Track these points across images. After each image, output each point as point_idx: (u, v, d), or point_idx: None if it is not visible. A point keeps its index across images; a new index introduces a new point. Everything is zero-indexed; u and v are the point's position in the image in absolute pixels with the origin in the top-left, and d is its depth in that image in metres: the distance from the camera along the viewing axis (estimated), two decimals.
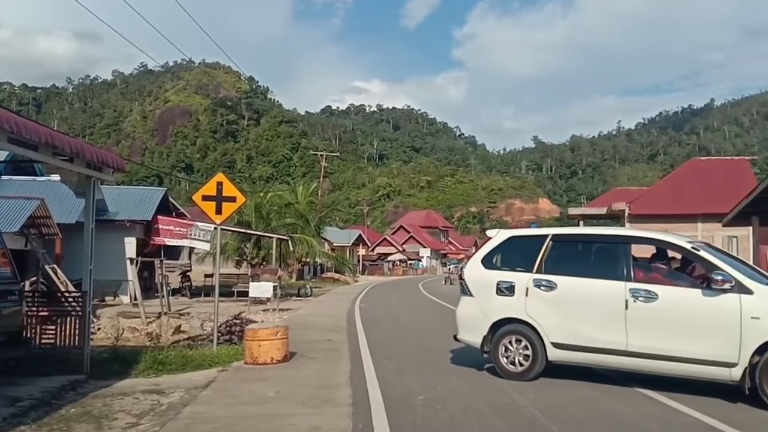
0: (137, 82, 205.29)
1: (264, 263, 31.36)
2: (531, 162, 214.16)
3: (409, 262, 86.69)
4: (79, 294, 10.05)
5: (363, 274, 69.54)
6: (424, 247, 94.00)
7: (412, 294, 34.10)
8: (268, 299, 22.66)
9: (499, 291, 8.81)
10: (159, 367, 9.69)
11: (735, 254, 34.36)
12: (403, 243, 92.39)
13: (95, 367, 9.35)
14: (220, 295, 27.19)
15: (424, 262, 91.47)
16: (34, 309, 9.79)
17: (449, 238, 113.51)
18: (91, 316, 18.27)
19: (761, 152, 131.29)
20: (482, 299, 9.01)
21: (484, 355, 8.99)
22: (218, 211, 11.15)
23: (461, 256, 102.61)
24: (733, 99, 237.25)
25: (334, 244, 61.66)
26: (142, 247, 26.13)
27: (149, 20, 21.71)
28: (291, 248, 34.86)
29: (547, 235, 9.01)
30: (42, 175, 24.99)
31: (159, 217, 25.13)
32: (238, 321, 13.32)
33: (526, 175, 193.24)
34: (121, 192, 28.52)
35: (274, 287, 21.97)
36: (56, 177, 23.46)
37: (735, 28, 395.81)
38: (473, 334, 9.10)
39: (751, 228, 31.62)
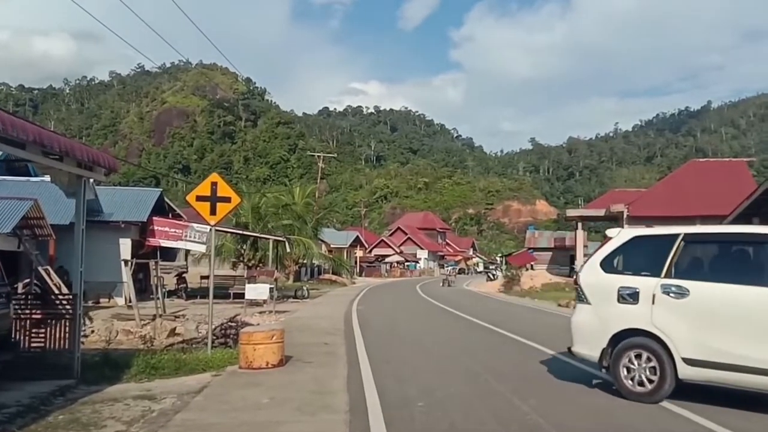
0: (134, 83, 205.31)
1: (261, 265, 31.13)
2: (528, 164, 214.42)
3: (406, 263, 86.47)
4: (70, 296, 9.80)
5: (360, 275, 69.35)
6: (422, 248, 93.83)
7: (410, 296, 33.90)
8: (265, 301, 22.43)
9: (621, 298, 7.74)
10: (151, 371, 9.46)
11: None
12: (401, 245, 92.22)
13: (86, 372, 9.11)
14: (216, 297, 27.01)
15: (421, 264, 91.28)
16: (27, 311, 9.55)
17: (447, 240, 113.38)
18: (84, 319, 18.13)
19: (758, 154, 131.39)
20: (601, 307, 7.95)
21: (602, 371, 8.07)
22: (213, 211, 10.93)
23: (458, 257, 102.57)
24: (730, 101, 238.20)
25: (332, 246, 61.43)
26: (137, 249, 25.86)
27: (146, 21, 21.56)
28: (288, 250, 34.63)
29: (677, 234, 7.76)
30: (36, 176, 24.74)
31: (154, 218, 24.86)
32: (233, 324, 13.10)
33: (524, 176, 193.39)
34: (116, 193, 28.26)
35: (271, 289, 21.73)
36: (47, 177, 23.19)
37: (733, 31, 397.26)
38: (590, 347, 8.02)
39: None
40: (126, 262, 20.60)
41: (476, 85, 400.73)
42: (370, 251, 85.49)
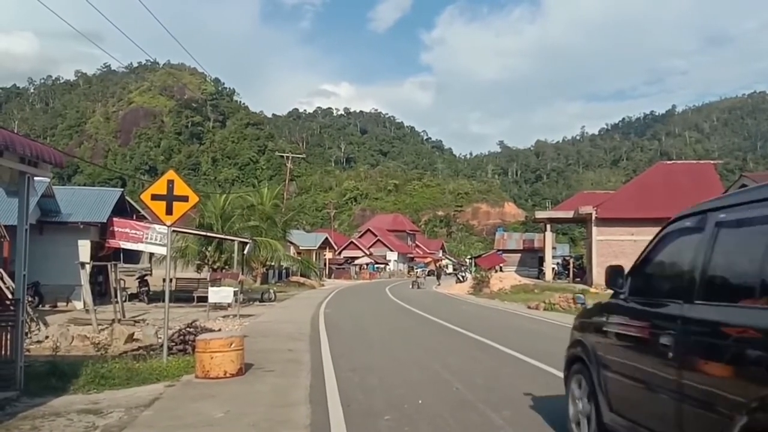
0: (100, 82, 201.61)
1: (226, 267, 30.39)
2: (497, 166, 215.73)
3: (375, 265, 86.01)
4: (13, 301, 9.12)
5: (329, 277, 68.71)
6: (391, 250, 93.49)
7: (379, 299, 33.44)
8: (229, 305, 21.79)
9: None
10: (101, 381, 8.84)
11: None
12: (370, 246, 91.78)
13: (31, 382, 8.44)
14: (180, 300, 26.28)
15: (391, 266, 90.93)
16: None
17: (416, 242, 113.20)
18: (39, 324, 17.30)
19: (721, 158, 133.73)
20: None
21: None
22: (168, 211, 10.34)
23: (428, 259, 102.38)
24: (694, 105, 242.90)
25: (300, 248, 60.72)
26: (97, 250, 25.02)
27: (112, 20, 20.85)
28: (254, 252, 33.91)
29: None
30: None
31: (114, 219, 24.07)
32: (192, 329, 12.47)
33: (492, 179, 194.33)
34: (75, 193, 27.34)
35: (235, 292, 21.09)
36: None
37: (697, 36, 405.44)
38: None
39: None
40: (83, 264, 19.77)
41: (446, 87, 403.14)
42: (340, 253, 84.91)
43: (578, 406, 5.53)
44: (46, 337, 15.13)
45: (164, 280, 28.94)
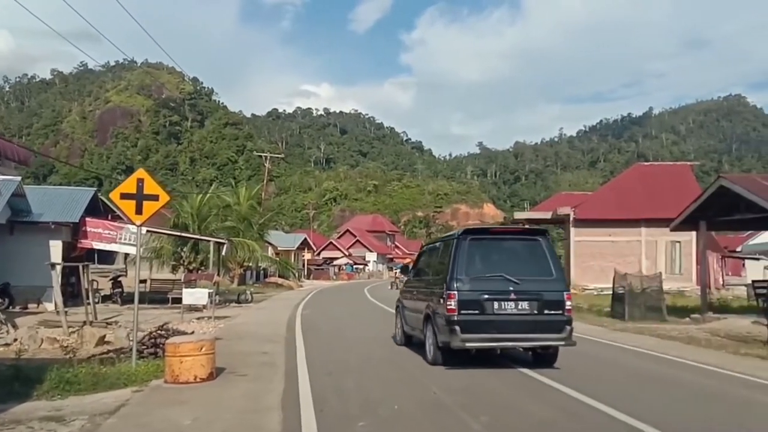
0: (77, 81, 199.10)
1: (203, 268, 29.97)
2: (476, 167, 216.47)
3: (355, 266, 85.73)
4: None
5: (308, 278, 68.36)
6: (371, 251, 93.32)
7: (358, 299, 33.22)
8: (204, 306, 21.42)
9: None
10: (66, 386, 8.49)
11: (678, 259, 34.61)
12: (349, 247, 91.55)
13: None
14: (155, 302, 25.83)
15: (370, 266, 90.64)
16: None
17: (396, 243, 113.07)
18: (7, 326, 16.84)
19: (697, 160, 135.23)
20: None
21: None
22: (138, 210, 10.03)
23: (407, 260, 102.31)
24: (671, 108, 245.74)
25: (279, 249, 60.35)
26: (70, 251, 24.48)
27: (88, 19, 20.42)
28: (231, 252, 33.50)
29: None
30: None
31: (87, 218, 23.58)
32: (163, 332, 12.14)
33: (472, 180, 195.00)
34: (47, 192, 26.73)
35: (210, 294, 20.72)
36: None
37: (675, 39, 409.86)
38: None
39: (694, 233, 32.05)
40: (53, 265, 19.30)
41: (426, 88, 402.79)
42: (319, 254, 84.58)
43: (397, 326, 13.53)
44: (15, 340, 14.71)
45: (139, 281, 28.51)
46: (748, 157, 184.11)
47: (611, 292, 22.35)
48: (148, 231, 24.41)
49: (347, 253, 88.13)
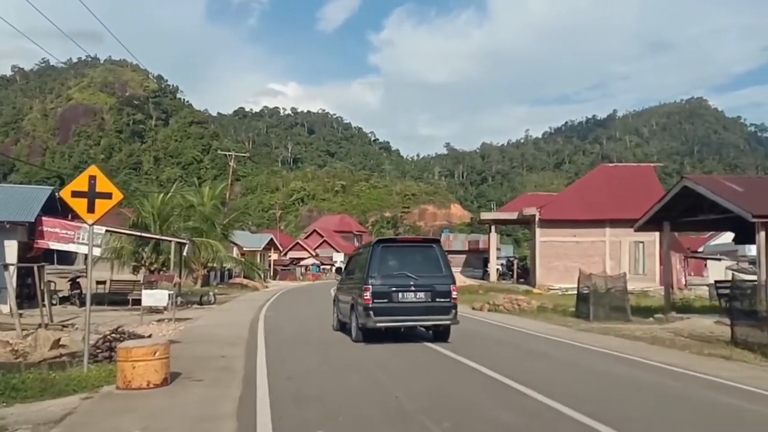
0: (38, 78, 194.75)
1: (164, 269, 29.32)
2: (443, 168, 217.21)
3: (321, 266, 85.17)
4: None
5: (274, 279, 67.67)
6: (338, 251, 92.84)
7: (323, 301, 32.73)
8: (165, 308, 20.91)
9: None
10: (12, 393, 8.11)
11: (641, 260, 34.97)
12: (316, 247, 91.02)
13: None
14: (115, 303, 25.19)
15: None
16: None
17: (363, 243, 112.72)
18: None
19: (660, 161, 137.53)
20: None
21: None
22: (90, 209, 9.64)
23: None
24: (634, 110, 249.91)
25: (245, 249, 59.57)
26: (26, 251, 23.73)
27: (49, 16, 19.82)
28: (194, 253, 32.87)
29: None
30: None
31: (43, 218, 22.84)
32: (117, 335, 11.73)
33: (439, 181, 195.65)
34: (2, 191, 25.92)
35: (170, 295, 20.22)
36: None
37: (639, 42, 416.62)
38: None
39: (657, 234, 32.43)
40: (6, 266, 18.64)
41: (394, 89, 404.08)
42: (285, 254, 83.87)
43: (334, 316, 16.93)
44: None
45: (98, 282, 27.80)
46: (709, 159, 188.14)
47: (576, 293, 22.41)
48: (107, 231, 23.76)
49: (314, 254, 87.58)
